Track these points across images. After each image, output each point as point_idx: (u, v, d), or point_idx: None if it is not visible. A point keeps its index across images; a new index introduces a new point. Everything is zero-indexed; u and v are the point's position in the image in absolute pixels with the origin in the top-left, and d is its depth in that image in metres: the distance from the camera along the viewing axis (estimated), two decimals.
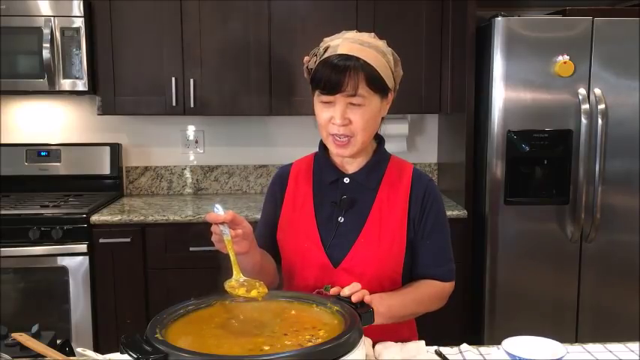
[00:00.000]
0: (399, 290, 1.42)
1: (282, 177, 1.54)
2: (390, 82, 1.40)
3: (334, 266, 1.40)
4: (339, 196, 1.44)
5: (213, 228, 1.25)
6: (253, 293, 1.17)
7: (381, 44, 1.40)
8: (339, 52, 1.34)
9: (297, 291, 1.35)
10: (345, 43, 1.35)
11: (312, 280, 1.41)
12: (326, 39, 1.41)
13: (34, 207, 2.78)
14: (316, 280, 1.40)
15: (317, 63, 1.36)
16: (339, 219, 1.43)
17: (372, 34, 1.41)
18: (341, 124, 1.34)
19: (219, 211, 1.24)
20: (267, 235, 1.50)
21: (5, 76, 2.83)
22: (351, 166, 1.47)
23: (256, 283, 1.21)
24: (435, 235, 1.45)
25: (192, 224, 2.69)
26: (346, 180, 1.46)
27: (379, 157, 1.48)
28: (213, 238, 1.27)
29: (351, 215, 1.43)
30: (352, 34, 1.39)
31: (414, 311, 1.44)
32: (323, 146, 1.50)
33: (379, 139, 1.50)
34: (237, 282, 1.20)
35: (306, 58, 1.43)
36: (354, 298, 1.19)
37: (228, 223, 1.24)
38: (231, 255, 1.23)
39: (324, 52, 1.36)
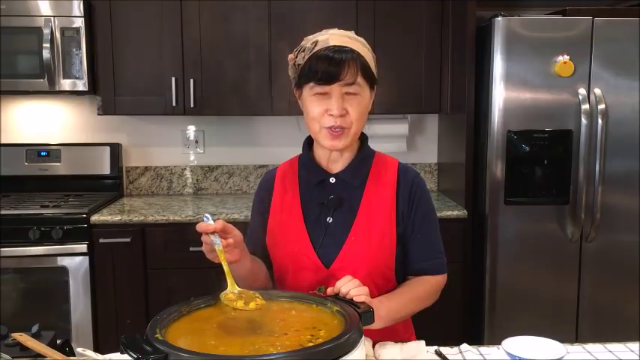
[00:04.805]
0: (396, 291, 1.42)
1: (267, 182, 1.54)
2: (375, 75, 1.42)
3: (326, 267, 1.40)
4: (326, 197, 1.44)
5: (204, 238, 1.23)
6: (252, 305, 1.16)
7: (364, 41, 1.42)
8: (332, 44, 1.35)
9: (297, 291, 1.35)
10: (334, 37, 1.37)
11: (306, 283, 1.40)
12: (309, 37, 1.41)
13: (34, 207, 2.78)
14: (309, 282, 1.40)
15: (307, 57, 1.36)
16: (328, 219, 1.43)
17: (352, 31, 1.42)
18: (338, 114, 1.34)
19: (209, 221, 1.22)
20: (257, 240, 1.49)
21: (5, 76, 2.83)
22: (337, 165, 1.47)
23: (253, 294, 1.20)
24: (425, 228, 1.45)
25: (192, 224, 2.66)
26: (332, 180, 1.46)
27: (364, 154, 1.48)
28: (204, 249, 1.25)
29: (340, 214, 1.43)
30: (336, 30, 1.41)
31: (412, 310, 1.44)
32: (307, 147, 1.51)
33: (362, 137, 1.49)
34: (233, 294, 1.19)
35: (290, 56, 1.43)
36: (355, 297, 1.19)
37: (219, 232, 1.23)
38: (224, 265, 1.22)
39: (314, 46, 1.36)
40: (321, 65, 1.33)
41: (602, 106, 2.64)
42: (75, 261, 2.68)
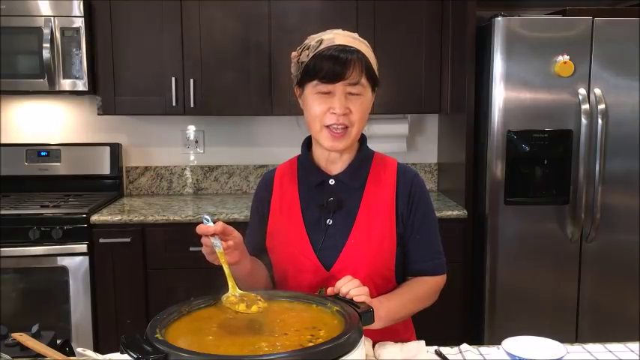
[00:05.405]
0: (395, 292, 1.42)
1: (266, 183, 1.53)
2: (378, 78, 1.42)
3: (327, 269, 1.40)
4: (326, 199, 1.43)
5: (204, 240, 1.23)
6: (254, 309, 1.16)
7: (367, 43, 1.43)
8: (338, 43, 1.35)
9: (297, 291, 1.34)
10: (339, 36, 1.37)
11: (306, 285, 1.40)
12: (313, 35, 1.41)
13: (34, 207, 2.78)
14: (310, 284, 1.39)
15: (312, 55, 1.35)
16: (328, 221, 1.42)
17: (356, 33, 1.43)
18: (341, 112, 1.34)
19: (208, 223, 1.22)
20: (256, 242, 1.49)
21: (5, 76, 2.83)
22: (336, 167, 1.46)
23: (255, 297, 1.19)
24: (424, 229, 1.45)
25: (192, 224, 2.69)
26: (331, 182, 1.45)
27: (363, 155, 1.48)
28: (204, 251, 1.25)
29: (340, 216, 1.42)
30: (341, 31, 1.41)
31: (412, 310, 1.44)
32: (306, 147, 1.50)
33: (361, 138, 1.49)
34: (235, 297, 1.19)
35: (293, 54, 1.43)
36: (355, 297, 1.19)
37: (219, 234, 1.22)
38: (225, 267, 1.22)
39: (319, 44, 1.36)
40: (326, 64, 1.33)
41: (602, 106, 2.64)
42: (75, 261, 2.68)
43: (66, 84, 2.86)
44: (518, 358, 1.20)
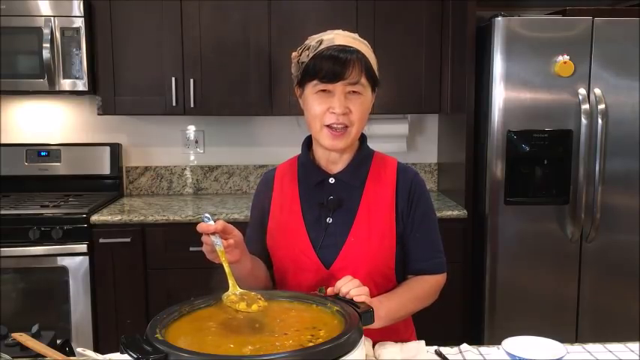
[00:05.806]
0: (395, 291, 1.42)
1: (267, 183, 1.54)
2: (378, 78, 1.42)
3: (327, 268, 1.40)
4: (326, 197, 1.44)
5: (205, 239, 1.23)
6: (254, 308, 1.16)
7: (367, 43, 1.43)
8: (337, 43, 1.36)
9: (297, 291, 1.34)
10: (339, 37, 1.38)
11: (306, 283, 1.40)
12: (313, 36, 1.42)
13: (34, 207, 2.78)
14: (310, 282, 1.40)
15: (312, 56, 1.36)
16: (328, 220, 1.43)
17: (356, 34, 1.43)
18: (341, 112, 1.35)
19: (209, 221, 1.22)
20: (257, 240, 1.49)
21: (5, 76, 2.83)
22: (336, 166, 1.47)
23: (255, 296, 1.19)
24: (424, 228, 1.46)
25: (192, 224, 2.67)
26: (331, 180, 1.46)
27: (363, 154, 1.48)
28: (205, 249, 1.25)
29: (340, 215, 1.43)
30: (341, 31, 1.41)
31: (412, 310, 1.44)
32: (306, 147, 1.51)
33: (361, 137, 1.49)
34: (235, 295, 1.19)
35: (294, 54, 1.44)
36: (355, 297, 1.19)
37: (220, 232, 1.23)
38: (225, 266, 1.22)
39: (319, 44, 1.37)
40: (326, 64, 1.33)
41: (602, 106, 2.64)
42: (75, 261, 2.68)
43: (66, 84, 2.86)
44: (518, 358, 1.20)
